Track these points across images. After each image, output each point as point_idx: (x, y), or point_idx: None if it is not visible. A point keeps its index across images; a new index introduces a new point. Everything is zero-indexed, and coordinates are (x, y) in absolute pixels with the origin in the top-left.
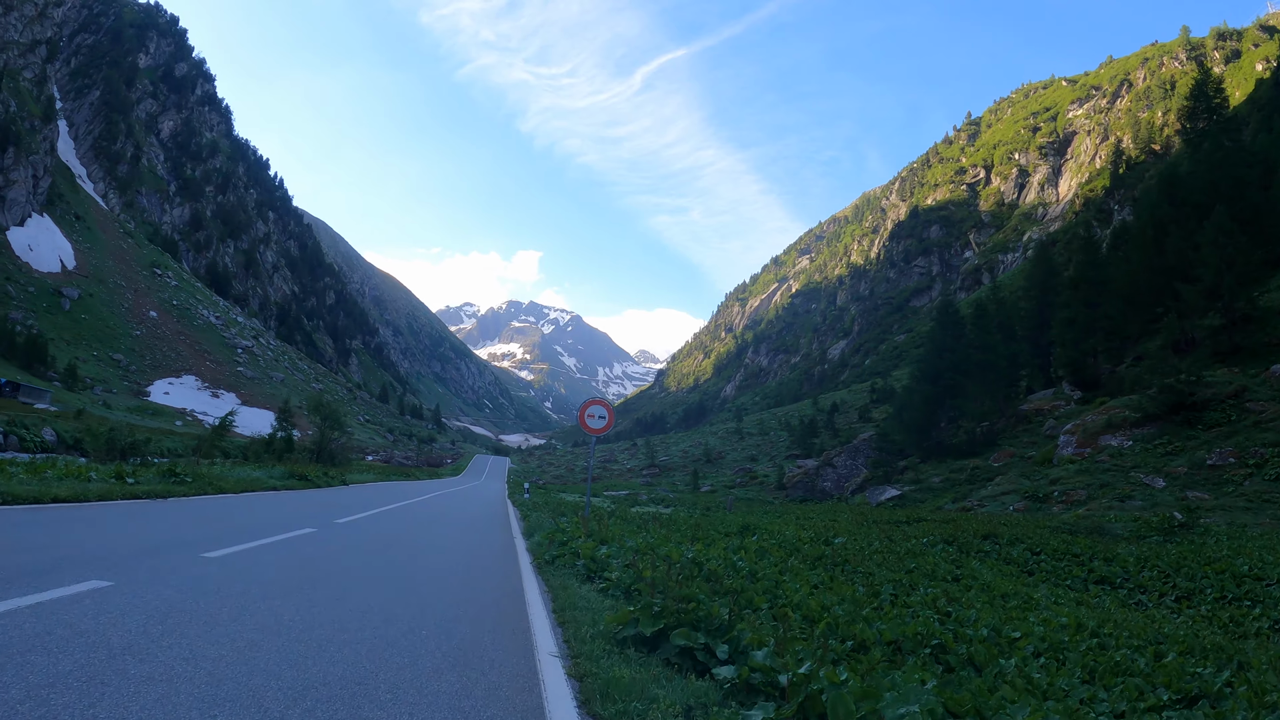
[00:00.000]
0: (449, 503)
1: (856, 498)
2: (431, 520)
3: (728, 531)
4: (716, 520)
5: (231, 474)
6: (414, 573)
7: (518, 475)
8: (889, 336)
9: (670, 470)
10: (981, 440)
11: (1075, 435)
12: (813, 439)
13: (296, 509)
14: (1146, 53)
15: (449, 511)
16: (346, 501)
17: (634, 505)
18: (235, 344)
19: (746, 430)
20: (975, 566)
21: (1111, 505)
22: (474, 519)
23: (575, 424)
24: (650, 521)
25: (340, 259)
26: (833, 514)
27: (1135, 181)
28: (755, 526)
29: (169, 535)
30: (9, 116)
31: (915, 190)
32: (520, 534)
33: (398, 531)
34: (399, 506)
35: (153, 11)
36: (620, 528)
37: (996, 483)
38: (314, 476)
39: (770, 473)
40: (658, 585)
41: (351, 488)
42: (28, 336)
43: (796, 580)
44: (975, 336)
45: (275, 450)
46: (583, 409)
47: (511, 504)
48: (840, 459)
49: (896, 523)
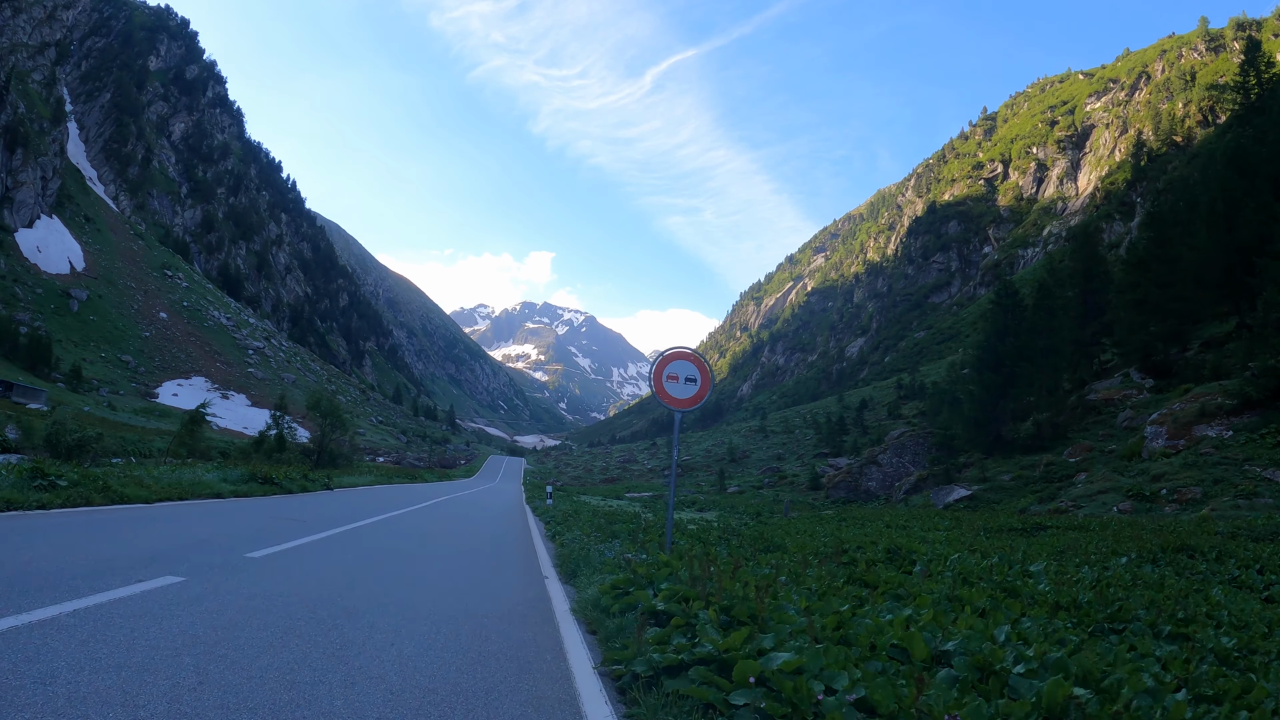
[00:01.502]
0: (452, 513)
1: (916, 499)
2: (417, 545)
3: (873, 557)
4: (791, 529)
5: (169, 477)
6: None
7: (534, 477)
8: (908, 333)
9: (693, 470)
10: (1049, 433)
11: (1164, 426)
12: (843, 437)
13: (200, 532)
14: (1164, 44)
15: (446, 528)
16: (309, 514)
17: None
18: (246, 345)
19: (770, 428)
20: (1217, 597)
21: (1236, 503)
22: (480, 541)
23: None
24: (730, 540)
25: (354, 261)
26: (921, 521)
27: (1158, 174)
28: (905, 549)
29: None
30: (17, 118)
31: (932, 186)
32: (554, 570)
33: (340, 575)
34: (378, 521)
35: (163, 14)
36: (733, 566)
37: (1083, 481)
38: (284, 480)
39: (800, 472)
40: None
41: (336, 493)
42: (32, 337)
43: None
44: (1038, 319)
45: (266, 450)
46: (659, 367)
47: (531, 512)
48: (885, 456)
49: (1003, 530)
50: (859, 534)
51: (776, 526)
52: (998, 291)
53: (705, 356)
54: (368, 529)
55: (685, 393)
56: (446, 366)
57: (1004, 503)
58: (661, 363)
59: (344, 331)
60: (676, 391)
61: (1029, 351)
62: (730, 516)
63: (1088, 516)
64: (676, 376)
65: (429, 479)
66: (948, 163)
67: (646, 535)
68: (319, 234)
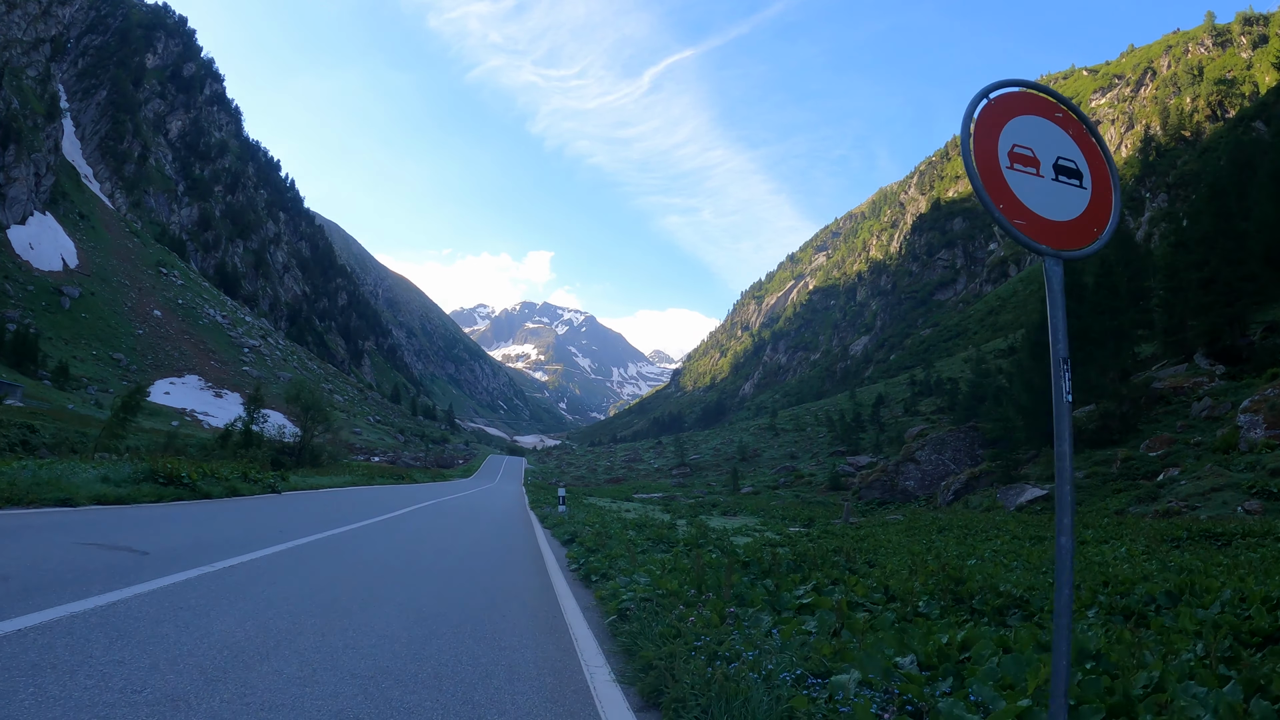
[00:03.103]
0: (429, 525)
1: (973, 499)
2: (327, 608)
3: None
4: (886, 545)
5: (22, 475)
6: None
7: (536, 477)
8: (914, 331)
9: (702, 470)
10: (1117, 425)
11: (1260, 414)
12: (859, 434)
13: None
14: (1169, 40)
15: (405, 559)
16: (178, 539)
17: (699, 514)
18: (241, 343)
19: (780, 426)
20: None
21: None
22: (456, 590)
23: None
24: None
25: (353, 260)
26: (1021, 528)
27: (1167, 168)
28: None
29: None
30: (10, 114)
31: (935, 184)
32: (630, 693)
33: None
34: (292, 549)
35: (161, 12)
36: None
37: (1181, 477)
38: (201, 480)
39: (817, 471)
40: None
41: (282, 498)
42: (17, 334)
43: None
44: (1100, 299)
45: (232, 445)
46: (987, 123)
47: (539, 523)
48: (923, 453)
49: (1169, 540)
50: (980, 548)
51: (849, 538)
52: None
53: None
54: (256, 568)
55: (1057, 201)
56: (446, 367)
57: (1087, 504)
58: (992, 115)
59: (343, 331)
60: (1035, 197)
61: (1094, 333)
62: (771, 522)
63: (1212, 519)
64: (1031, 158)
65: (420, 479)
66: (951, 159)
67: (720, 575)
68: (317, 233)
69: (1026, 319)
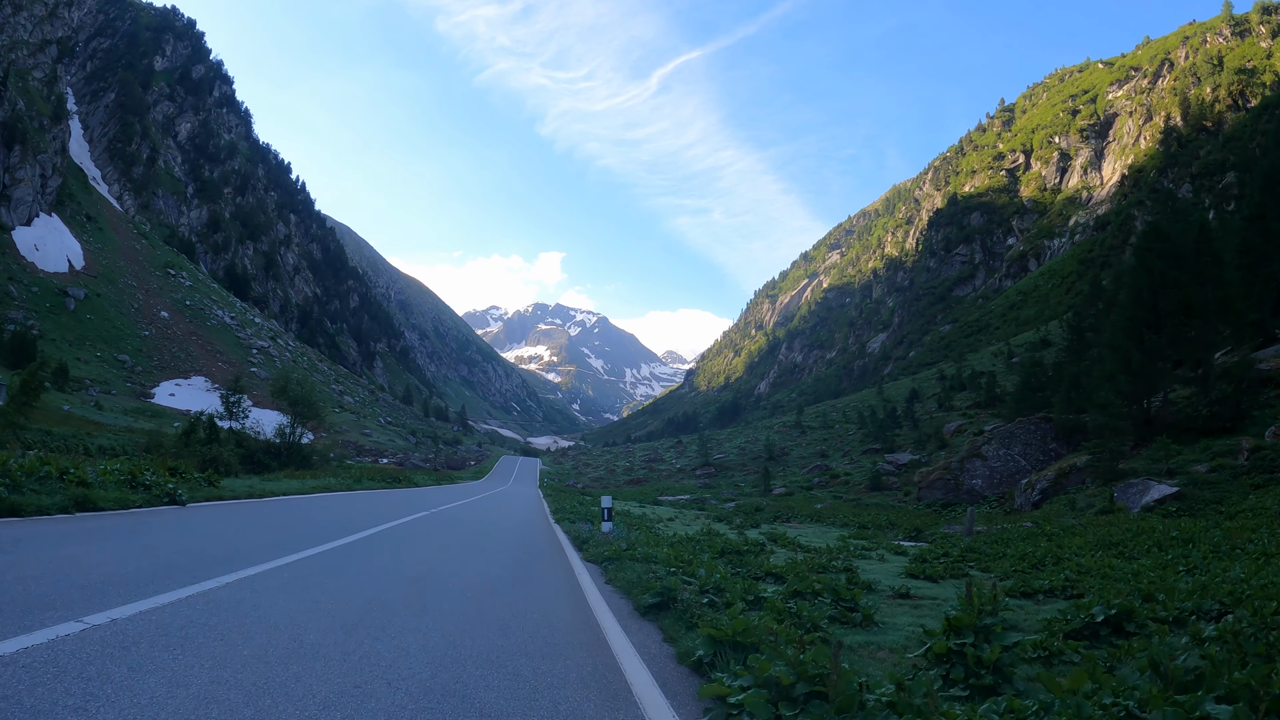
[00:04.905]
0: (398, 558)
1: (1078, 499)
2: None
3: None
4: (1141, 577)
5: None
6: None
7: (552, 479)
8: (933, 327)
9: (727, 469)
10: (1229, 411)
11: None
12: (894, 431)
13: None
14: (1186, 31)
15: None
16: None
17: (751, 527)
18: (250, 345)
19: (807, 424)
20: None
21: None
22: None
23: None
24: None
25: (365, 263)
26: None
27: (1189, 159)
28: None
29: None
30: (15, 115)
31: (950, 179)
32: None
33: None
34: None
35: (169, 15)
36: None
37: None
38: (22, 481)
39: (852, 470)
40: None
41: (187, 510)
42: (15, 335)
43: None
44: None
45: (195, 442)
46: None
47: (568, 542)
48: (990, 449)
49: None
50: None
51: (1037, 548)
52: (1144, 235)
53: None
54: None
55: None
56: (459, 369)
57: (1228, 502)
58: None
59: (354, 333)
60: None
61: (1198, 306)
62: (867, 533)
63: None
64: None
65: (423, 483)
66: (966, 155)
67: None
68: (329, 235)
69: (1123, 295)
